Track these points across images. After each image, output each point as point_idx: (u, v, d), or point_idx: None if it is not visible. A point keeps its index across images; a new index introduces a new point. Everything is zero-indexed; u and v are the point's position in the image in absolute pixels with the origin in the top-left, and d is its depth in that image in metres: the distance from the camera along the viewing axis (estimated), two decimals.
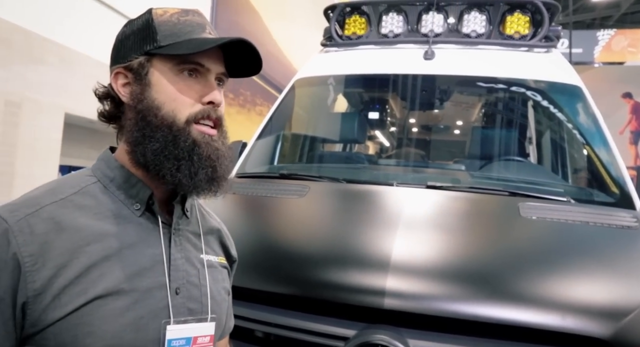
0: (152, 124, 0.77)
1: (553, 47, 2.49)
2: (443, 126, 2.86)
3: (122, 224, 0.76)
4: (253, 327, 1.24)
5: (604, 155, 2.03)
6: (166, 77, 0.78)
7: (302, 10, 5.45)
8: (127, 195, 0.79)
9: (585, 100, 2.21)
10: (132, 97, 0.79)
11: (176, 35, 0.79)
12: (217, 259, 0.90)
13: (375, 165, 2.47)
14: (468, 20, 2.57)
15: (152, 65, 0.79)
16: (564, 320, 1.08)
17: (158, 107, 0.77)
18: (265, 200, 1.78)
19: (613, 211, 1.68)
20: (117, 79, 0.80)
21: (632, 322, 1.09)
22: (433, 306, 1.14)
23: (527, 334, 1.09)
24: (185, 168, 0.76)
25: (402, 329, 1.12)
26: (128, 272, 0.74)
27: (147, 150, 0.76)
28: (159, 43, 0.78)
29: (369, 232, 1.36)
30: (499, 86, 2.48)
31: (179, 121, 0.77)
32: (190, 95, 0.78)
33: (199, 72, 0.80)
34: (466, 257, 1.32)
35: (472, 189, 1.79)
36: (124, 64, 0.80)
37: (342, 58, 2.64)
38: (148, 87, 0.78)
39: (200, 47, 0.77)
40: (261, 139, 2.41)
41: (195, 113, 0.78)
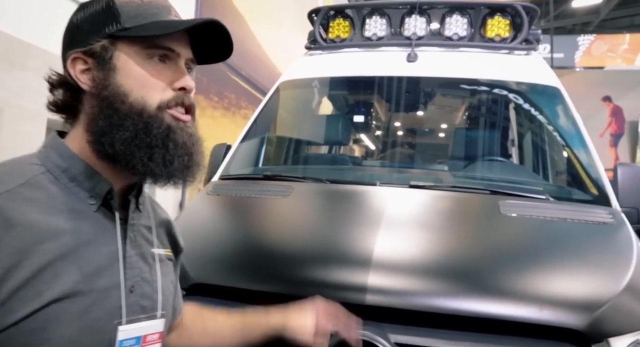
0: (120, 111, 0.71)
1: (533, 49, 2.54)
2: (426, 127, 2.90)
3: (77, 220, 0.70)
4: None
5: (581, 155, 2.08)
6: (134, 61, 0.73)
7: (286, 13, 5.47)
8: (81, 188, 0.73)
9: (564, 102, 2.26)
10: (94, 83, 0.73)
11: (141, 17, 0.74)
12: (164, 252, 0.87)
13: (358, 166, 2.49)
14: (450, 24, 2.61)
15: (117, 49, 0.73)
16: (541, 312, 1.11)
17: (125, 93, 0.72)
18: (249, 201, 1.79)
19: (590, 208, 1.72)
20: (75, 64, 0.74)
21: (605, 314, 1.12)
22: (414, 301, 1.16)
23: (506, 326, 1.11)
24: (158, 156, 0.72)
25: (384, 324, 1.13)
26: (85, 272, 0.69)
27: (116, 140, 0.71)
28: (123, 24, 0.73)
29: (351, 230, 1.38)
30: (480, 88, 2.52)
31: (149, 107, 0.73)
32: (161, 81, 0.74)
33: (168, 58, 0.76)
34: (447, 253, 1.34)
35: (454, 188, 1.81)
36: (83, 48, 0.73)
37: (326, 61, 2.66)
38: (113, 72, 0.72)
39: (172, 28, 0.73)
40: (245, 142, 2.42)
41: (168, 99, 0.74)
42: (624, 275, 1.23)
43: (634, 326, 1.13)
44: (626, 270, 1.26)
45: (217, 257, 1.40)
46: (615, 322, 1.12)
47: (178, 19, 0.78)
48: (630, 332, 1.12)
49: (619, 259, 1.34)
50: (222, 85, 4.08)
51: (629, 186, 1.90)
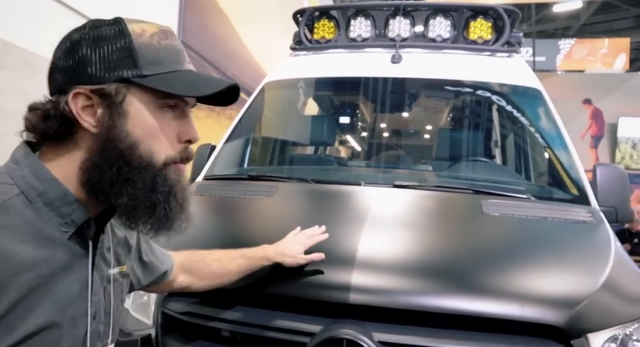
0: (131, 164, 0.69)
1: (514, 52, 2.58)
2: (411, 128, 2.92)
3: (51, 248, 0.67)
4: (219, 326, 1.23)
5: (562, 156, 2.11)
6: (145, 111, 0.70)
7: (271, 14, 5.46)
8: (56, 213, 0.69)
9: (545, 104, 2.30)
10: (98, 124, 0.69)
11: (160, 64, 0.71)
12: (118, 270, 0.86)
13: (343, 167, 2.50)
14: (433, 26, 2.64)
15: (130, 94, 0.69)
16: (522, 309, 1.12)
17: (135, 143, 0.69)
18: (233, 201, 1.78)
19: (570, 207, 1.75)
20: (77, 100, 0.69)
21: (583, 310, 1.14)
22: (397, 299, 1.16)
23: (488, 323, 1.12)
24: (160, 212, 0.71)
25: (368, 323, 1.14)
26: (58, 303, 0.67)
27: (124, 194, 0.69)
28: (141, 71, 0.69)
29: (335, 229, 1.38)
30: (463, 89, 2.55)
31: (156, 162, 0.71)
32: (170, 134, 0.72)
33: (177, 107, 0.74)
34: (430, 252, 1.35)
35: (438, 188, 1.83)
36: (92, 87, 0.68)
37: (311, 61, 2.66)
38: (123, 118, 0.69)
39: (201, 91, 0.71)
40: (230, 142, 2.40)
41: (174, 156, 0.73)
42: (602, 272, 1.26)
43: (611, 321, 1.16)
44: (604, 267, 1.29)
45: None
46: (593, 318, 1.14)
47: (197, 73, 0.75)
48: (608, 328, 1.14)
49: (597, 257, 1.36)
50: None
51: (608, 186, 1.94)
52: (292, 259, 1.23)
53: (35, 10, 3.30)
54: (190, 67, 0.76)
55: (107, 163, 0.69)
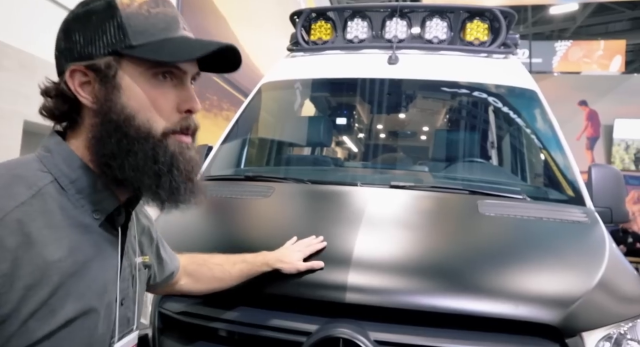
0: (129, 135, 0.69)
1: (511, 53, 2.59)
2: (407, 129, 2.93)
3: (85, 235, 0.69)
4: (216, 325, 1.23)
5: (557, 157, 2.13)
6: (139, 81, 0.70)
7: (268, 15, 5.47)
8: (87, 201, 0.70)
9: (541, 105, 2.31)
10: (96, 100, 0.69)
11: (150, 33, 0.69)
12: (142, 260, 0.88)
13: (340, 167, 2.50)
14: (430, 27, 2.65)
15: (122, 67, 0.69)
16: (517, 308, 1.13)
17: (132, 115, 0.69)
18: (230, 201, 1.78)
19: (565, 207, 1.76)
20: (74, 77, 0.70)
21: (578, 309, 1.14)
22: (394, 299, 1.17)
23: (484, 322, 1.13)
24: (165, 184, 0.71)
25: (364, 322, 1.14)
26: (95, 288, 0.68)
27: (126, 165, 0.69)
28: (130, 42, 0.68)
29: (331, 229, 1.38)
30: (460, 90, 2.56)
31: (155, 132, 0.70)
32: (167, 104, 0.71)
33: (174, 76, 0.72)
34: (426, 252, 1.36)
35: (434, 188, 1.84)
36: (85, 63, 0.69)
37: (308, 62, 2.67)
38: (117, 91, 0.69)
39: (189, 55, 0.70)
40: (227, 143, 2.41)
41: (174, 124, 0.72)
42: (597, 272, 1.26)
43: (605, 320, 1.17)
44: (598, 267, 1.29)
45: None
46: (587, 317, 1.15)
47: (190, 37, 0.74)
48: (602, 327, 1.15)
49: (592, 257, 1.37)
50: (204, 87, 4.06)
51: (603, 186, 1.95)
52: (291, 265, 1.23)
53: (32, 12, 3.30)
54: (185, 33, 0.73)
55: (106, 135, 0.69)
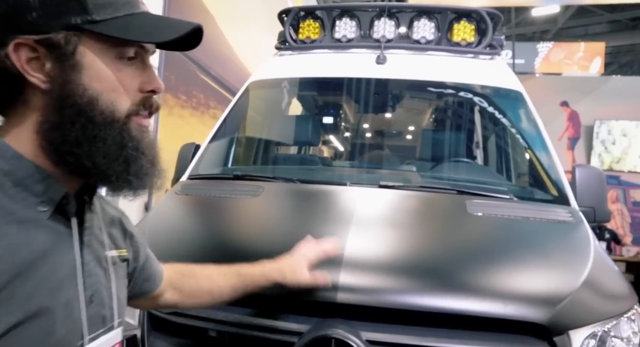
0: (95, 120, 0.63)
1: (497, 54, 2.63)
2: (395, 128, 2.95)
3: (29, 230, 0.61)
4: (207, 326, 1.23)
5: (543, 157, 2.16)
6: (102, 60, 0.64)
7: (257, 14, 5.44)
8: (29, 193, 0.63)
9: (526, 106, 2.34)
10: (49, 79, 0.62)
11: (112, 8, 0.64)
12: (117, 253, 0.81)
13: (328, 167, 2.50)
14: (418, 27, 2.66)
15: (82, 43, 0.63)
16: (505, 307, 1.15)
17: (95, 97, 0.63)
18: (219, 200, 1.77)
19: (551, 207, 1.79)
20: (19, 52, 0.61)
21: (565, 308, 1.17)
22: (385, 298, 1.17)
23: (473, 321, 1.14)
24: (135, 170, 0.67)
25: (355, 322, 1.15)
26: (47, 288, 0.61)
27: (95, 153, 0.63)
28: (92, 16, 0.62)
29: (322, 229, 1.38)
30: (447, 91, 2.59)
31: (119, 115, 0.65)
32: (131, 84, 0.67)
33: (137, 56, 0.68)
34: (416, 251, 1.37)
35: (423, 188, 1.85)
36: (36, 36, 0.61)
37: (296, 61, 2.66)
38: (77, 70, 0.62)
39: (161, 36, 0.65)
40: (214, 142, 2.39)
41: (137, 105, 0.67)
42: (582, 271, 1.29)
43: (591, 319, 1.19)
44: (584, 266, 1.32)
45: (187, 257, 1.37)
46: (574, 315, 1.17)
47: (155, 16, 0.69)
48: (588, 325, 1.18)
49: (578, 256, 1.40)
50: (191, 84, 4.02)
51: (587, 186, 1.99)
52: (293, 280, 1.13)
53: None
54: (145, 9, 0.69)
55: (68, 121, 0.62)
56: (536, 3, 9.87)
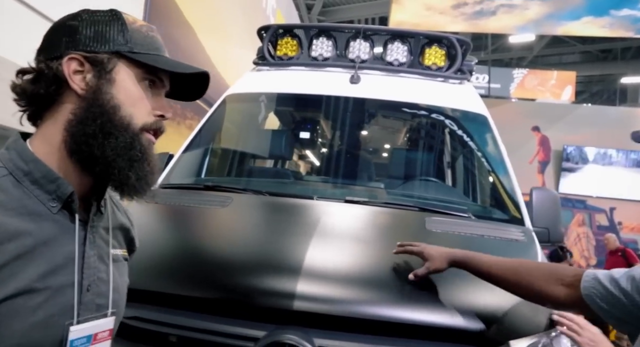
0: (113, 121, 0.78)
1: (466, 79, 2.75)
2: (366, 146, 3.03)
3: (38, 222, 0.74)
4: (167, 331, 1.25)
5: (503, 179, 2.27)
6: (130, 81, 0.81)
7: (237, 28, 5.52)
8: (43, 190, 0.76)
9: (490, 129, 2.45)
10: (88, 87, 0.79)
11: (147, 48, 0.83)
12: (121, 252, 0.92)
13: (299, 181, 2.56)
14: (391, 50, 2.77)
15: (119, 65, 0.81)
16: (451, 318, 1.21)
17: (118, 106, 0.79)
18: (187, 209, 1.80)
19: (506, 226, 1.88)
20: (70, 64, 0.79)
21: (506, 319, 1.25)
22: (338, 307, 1.23)
23: (420, 331, 1.21)
24: (137, 169, 0.80)
25: (311, 329, 1.19)
26: (41, 271, 0.72)
27: (106, 145, 0.77)
28: (132, 48, 0.81)
29: (284, 240, 1.44)
30: (416, 112, 2.69)
31: (135, 126, 0.80)
32: (147, 105, 0.83)
33: (155, 86, 0.85)
34: (371, 264, 1.43)
35: (386, 204, 1.93)
36: (86, 53, 0.79)
37: (273, 77, 2.74)
38: (109, 83, 0.79)
39: (182, 69, 0.83)
40: (188, 152, 2.42)
41: (150, 123, 0.83)
42: None
43: (531, 330, 1.27)
44: None
45: (150, 264, 1.40)
46: (515, 326, 1.25)
47: (177, 61, 0.87)
48: (528, 336, 1.25)
49: None
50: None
51: (542, 208, 2.10)
52: None
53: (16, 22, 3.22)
54: (167, 54, 0.88)
55: (91, 117, 0.77)
56: (512, 31, 10.27)
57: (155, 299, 1.29)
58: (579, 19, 8.08)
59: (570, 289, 1.04)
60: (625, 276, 0.95)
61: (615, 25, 7.98)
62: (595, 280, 1.00)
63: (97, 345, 0.81)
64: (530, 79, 14.18)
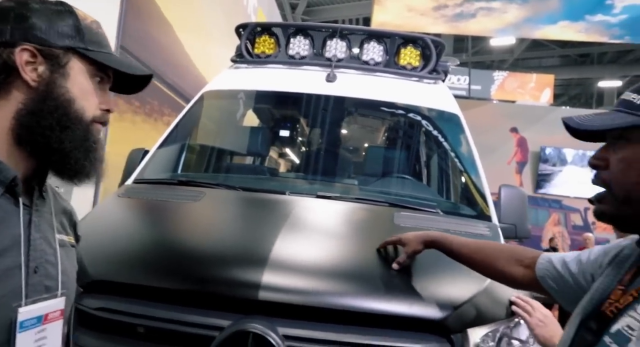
0: (69, 115, 0.82)
1: (440, 79, 2.81)
2: (341, 144, 3.07)
3: None
4: (133, 321, 1.27)
5: (472, 176, 2.33)
6: (83, 76, 0.85)
7: (217, 26, 5.51)
8: None
9: (462, 128, 2.51)
10: (40, 79, 0.81)
11: (99, 45, 0.88)
12: (67, 238, 0.95)
13: (273, 177, 2.59)
14: (367, 49, 2.82)
15: (73, 60, 0.84)
16: (410, 308, 1.26)
17: (72, 99, 0.83)
18: (159, 203, 1.82)
19: (473, 221, 1.94)
20: (23, 55, 0.80)
21: (464, 309, 1.30)
22: (303, 298, 1.26)
23: (382, 320, 1.25)
24: (92, 159, 0.85)
25: (275, 319, 1.23)
26: None
27: (65, 138, 0.81)
28: (86, 45, 0.85)
29: (252, 232, 1.46)
30: (391, 110, 2.74)
31: (86, 118, 0.85)
32: (96, 99, 0.88)
33: (102, 82, 0.90)
34: (337, 257, 1.47)
35: (357, 200, 1.97)
36: (41, 46, 0.81)
37: (250, 74, 2.76)
38: (63, 77, 0.82)
39: (132, 70, 0.89)
40: (164, 148, 2.43)
41: (99, 116, 0.88)
42: (485, 278, 1.42)
43: (488, 319, 1.32)
44: None
45: (118, 255, 1.42)
46: (472, 316, 1.30)
47: (127, 59, 0.95)
48: (485, 325, 1.31)
49: None
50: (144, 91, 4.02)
51: (510, 205, 2.16)
52: None
53: None
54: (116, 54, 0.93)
55: (46, 111, 0.81)
56: (492, 33, 10.44)
57: (122, 290, 1.31)
58: (556, 23, 8.27)
59: (528, 270, 1.11)
60: (575, 260, 1.02)
61: (590, 30, 8.19)
62: (549, 262, 1.07)
63: (49, 325, 0.82)
64: (510, 81, 14.43)
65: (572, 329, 0.82)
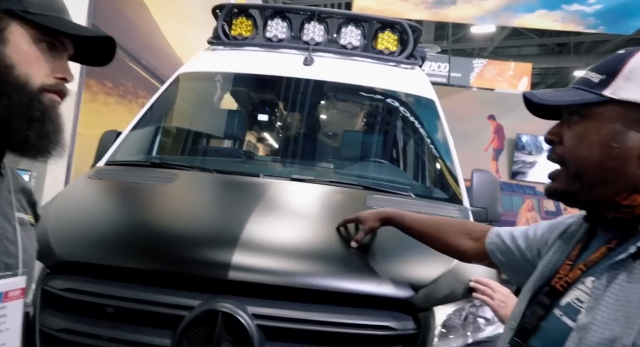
0: (7, 81, 0.76)
1: (417, 64, 2.82)
2: (316, 127, 3.07)
3: None
4: (102, 301, 1.27)
5: (446, 161, 2.36)
6: (25, 41, 0.79)
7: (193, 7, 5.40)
8: None
9: (437, 113, 2.54)
10: None
11: (46, 8, 0.80)
12: (27, 217, 0.93)
13: (248, 160, 2.58)
14: (345, 33, 2.81)
15: (12, 25, 0.78)
16: (378, 287, 1.28)
17: (11, 65, 0.77)
18: (130, 185, 1.80)
19: (444, 204, 1.97)
20: None
21: (431, 288, 1.33)
22: (273, 277, 1.27)
23: (350, 298, 1.27)
24: (37, 128, 0.78)
25: (245, 298, 1.24)
26: None
27: (1, 105, 0.75)
28: (26, 8, 0.78)
29: (224, 214, 1.46)
30: (368, 94, 2.75)
31: (32, 86, 0.79)
32: (46, 67, 0.81)
33: (55, 49, 0.82)
34: (307, 238, 1.49)
35: (331, 183, 1.98)
36: None
37: (227, 56, 2.72)
38: (1, 43, 0.77)
39: (78, 31, 0.82)
40: (137, 129, 2.39)
41: (51, 85, 0.81)
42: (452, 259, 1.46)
43: (454, 298, 1.36)
44: None
45: (86, 236, 1.40)
46: (439, 295, 1.34)
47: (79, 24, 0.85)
48: (451, 303, 1.34)
49: None
50: (118, 72, 3.93)
51: (481, 189, 2.21)
52: None
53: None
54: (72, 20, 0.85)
55: None
56: (471, 21, 10.48)
57: (91, 271, 1.30)
58: (534, 11, 8.35)
59: (477, 243, 1.14)
60: (523, 234, 1.05)
61: (566, 19, 8.30)
62: (498, 237, 1.10)
63: (9, 303, 0.81)
64: (489, 69, 14.55)
65: (523, 303, 0.85)
